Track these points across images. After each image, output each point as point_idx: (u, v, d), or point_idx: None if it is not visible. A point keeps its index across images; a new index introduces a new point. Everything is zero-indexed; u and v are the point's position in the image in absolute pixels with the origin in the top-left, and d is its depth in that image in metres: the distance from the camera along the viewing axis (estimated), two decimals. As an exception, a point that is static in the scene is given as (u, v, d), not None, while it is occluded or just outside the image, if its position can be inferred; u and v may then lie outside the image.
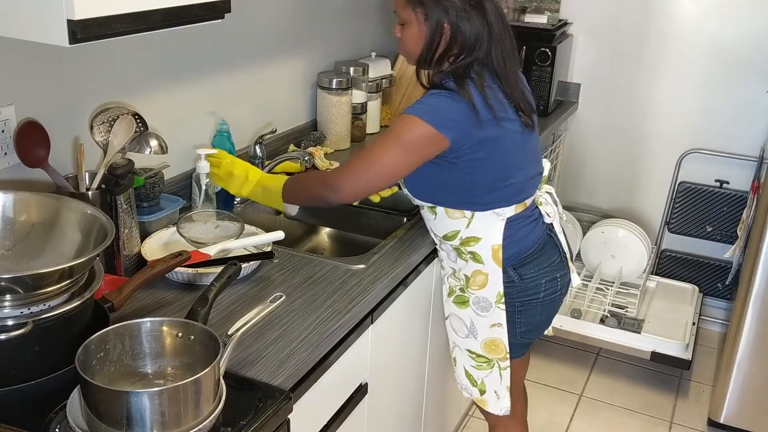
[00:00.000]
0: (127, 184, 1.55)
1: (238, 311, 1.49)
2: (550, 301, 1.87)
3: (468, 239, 1.77)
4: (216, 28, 1.98)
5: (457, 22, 1.64)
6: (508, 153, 1.71)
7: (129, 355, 1.18)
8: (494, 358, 1.87)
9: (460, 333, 1.89)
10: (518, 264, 1.79)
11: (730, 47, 3.08)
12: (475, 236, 1.76)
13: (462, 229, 1.76)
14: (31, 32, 1.19)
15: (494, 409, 1.93)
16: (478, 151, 1.66)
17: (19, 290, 1.12)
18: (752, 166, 3.12)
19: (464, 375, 1.94)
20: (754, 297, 2.54)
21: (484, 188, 1.72)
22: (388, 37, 2.99)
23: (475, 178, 1.70)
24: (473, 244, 1.77)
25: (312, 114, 2.56)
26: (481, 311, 1.82)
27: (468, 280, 1.82)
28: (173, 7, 1.30)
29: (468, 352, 1.90)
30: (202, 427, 1.09)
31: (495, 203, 1.74)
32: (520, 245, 1.79)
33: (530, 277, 1.81)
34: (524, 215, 1.80)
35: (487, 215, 1.75)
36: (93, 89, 1.68)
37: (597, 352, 3.21)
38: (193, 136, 2.01)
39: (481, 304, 1.81)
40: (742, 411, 2.68)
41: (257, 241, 1.72)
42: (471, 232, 1.76)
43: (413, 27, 1.69)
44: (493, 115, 1.65)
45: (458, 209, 1.75)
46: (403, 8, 1.69)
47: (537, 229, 1.83)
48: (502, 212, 1.75)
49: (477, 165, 1.68)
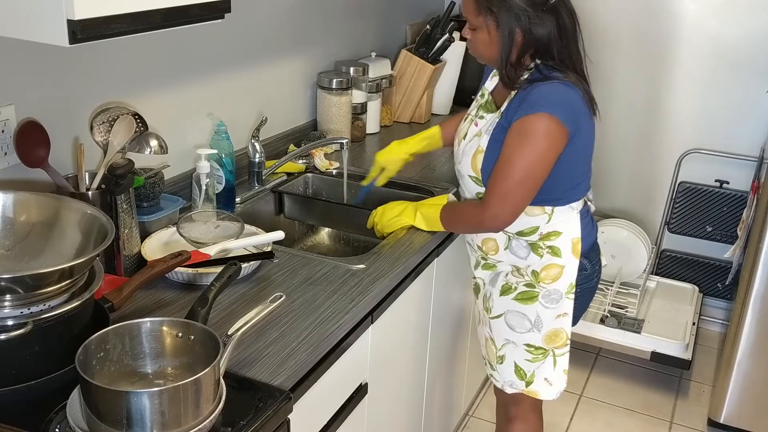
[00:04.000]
0: (127, 184, 1.55)
1: (238, 311, 1.49)
2: (596, 286, 1.96)
3: (549, 234, 1.79)
4: (216, 28, 1.98)
5: (529, 27, 1.64)
6: (590, 148, 1.78)
7: (129, 355, 1.18)
8: (551, 348, 1.88)
9: (519, 329, 1.87)
10: (587, 252, 1.86)
11: (731, 47, 3.08)
12: (556, 231, 1.79)
13: (542, 225, 1.78)
14: (31, 32, 1.19)
15: (547, 395, 1.95)
16: (580, 144, 1.70)
17: (19, 290, 1.12)
18: (752, 166, 3.12)
19: (513, 371, 1.93)
20: (754, 297, 2.54)
21: (570, 183, 1.76)
22: (388, 37, 2.99)
23: (566, 173, 1.72)
24: (554, 239, 1.79)
25: (312, 114, 2.56)
26: (550, 303, 1.83)
27: (537, 275, 1.82)
28: (173, 7, 1.30)
29: (526, 346, 1.89)
30: (202, 427, 1.09)
31: (574, 197, 1.79)
32: (591, 236, 1.87)
33: (595, 262, 1.90)
34: (585, 209, 1.87)
35: (565, 210, 1.78)
36: (93, 89, 1.68)
37: (597, 352, 3.21)
38: (193, 136, 2.01)
39: (552, 297, 1.82)
40: (742, 411, 2.68)
41: (257, 241, 1.72)
42: (552, 227, 1.78)
43: (483, 33, 1.70)
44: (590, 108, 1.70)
45: (539, 206, 1.76)
46: (474, 15, 1.69)
47: (593, 222, 1.92)
48: (576, 206, 1.80)
49: (574, 160, 1.71)
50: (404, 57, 2.83)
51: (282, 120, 2.39)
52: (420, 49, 2.83)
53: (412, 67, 2.81)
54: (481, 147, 1.76)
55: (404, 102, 2.86)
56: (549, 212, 1.77)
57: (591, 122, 1.73)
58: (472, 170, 1.79)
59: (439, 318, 2.15)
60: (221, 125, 1.96)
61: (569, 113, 1.65)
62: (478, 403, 2.87)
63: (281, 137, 2.37)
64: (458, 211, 1.87)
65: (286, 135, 2.41)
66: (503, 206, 1.70)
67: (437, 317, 2.12)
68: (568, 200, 1.78)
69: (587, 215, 1.88)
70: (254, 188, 2.14)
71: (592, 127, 1.76)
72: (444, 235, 1.99)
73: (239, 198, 2.06)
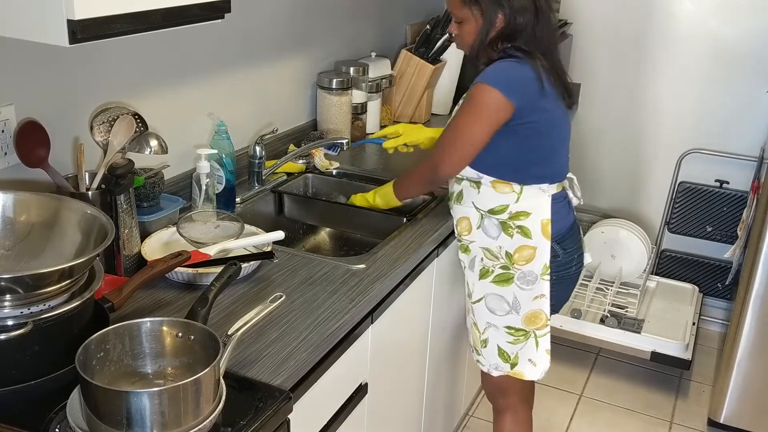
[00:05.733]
0: (127, 184, 1.55)
1: (238, 311, 1.49)
2: (576, 275, 1.99)
3: (518, 213, 1.84)
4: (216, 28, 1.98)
5: (510, 11, 1.73)
6: (556, 129, 1.84)
7: (129, 355, 1.18)
8: (531, 329, 1.92)
9: (499, 311, 1.92)
10: (560, 239, 1.88)
11: (730, 47, 3.09)
12: (525, 211, 1.83)
13: (511, 204, 1.84)
14: (31, 32, 1.19)
15: (532, 375, 1.98)
16: (536, 120, 1.77)
17: (19, 290, 1.12)
18: (752, 166, 3.12)
19: (497, 353, 1.97)
20: (754, 297, 2.54)
21: (535, 161, 1.82)
22: (388, 37, 2.99)
23: (528, 148, 1.80)
24: (523, 219, 1.84)
25: (312, 114, 2.56)
26: (526, 285, 1.87)
27: (511, 256, 1.87)
28: (173, 7, 1.30)
29: (506, 328, 1.94)
30: (202, 427, 1.09)
31: (542, 178, 1.84)
32: (562, 223, 1.89)
33: (570, 251, 1.91)
34: (561, 195, 1.91)
35: (534, 191, 1.84)
36: (93, 89, 1.68)
37: (597, 352, 3.21)
38: (193, 136, 2.01)
39: (527, 278, 1.87)
40: (742, 411, 2.68)
41: (257, 241, 1.72)
42: (520, 207, 1.83)
43: (470, 24, 1.77)
44: (551, 88, 1.76)
45: (507, 181, 1.83)
46: (458, 8, 1.78)
47: (570, 211, 1.95)
48: (547, 189, 1.85)
49: (532, 135, 1.78)
50: (404, 57, 2.82)
51: (282, 120, 2.39)
52: (420, 49, 2.83)
53: (412, 67, 2.81)
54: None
55: (404, 102, 2.86)
56: (518, 191, 1.83)
57: (555, 104, 1.80)
58: None
59: (439, 318, 2.15)
60: (221, 125, 1.96)
61: (513, 85, 1.72)
62: (478, 403, 2.87)
63: (281, 137, 2.37)
64: (410, 173, 1.98)
65: (286, 135, 2.41)
66: (444, 153, 1.81)
67: (437, 317, 2.12)
68: (537, 181, 1.83)
69: (562, 201, 1.91)
70: (254, 188, 2.14)
71: (559, 110, 1.82)
72: (444, 235, 1.99)
73: (239, 198, 2.06)
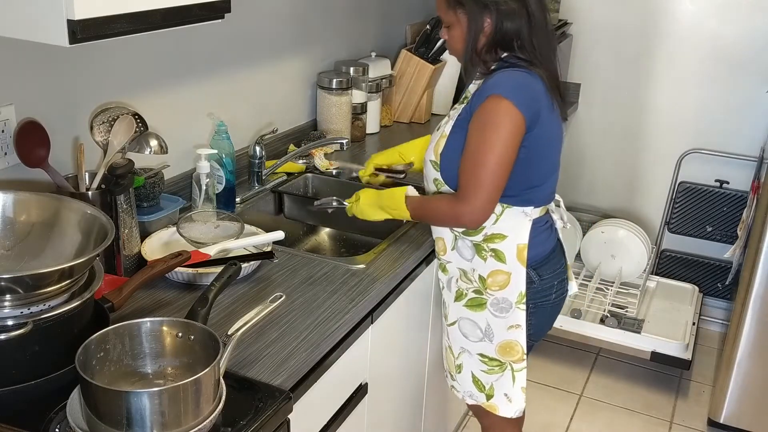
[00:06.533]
0: (127, 184, 1.55)
1: (238, 311, 1.49)
2: (557, 303, 1.87)
3: (493, 236, 1.73)
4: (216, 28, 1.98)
5: (497, 16, 1.63)
6: (553, 148, 1.73)
7: (129, 355, 1.18)
8: (507, 361, 1.83)
9: (471, 337, 1.84)
10: (537, 265, 1.77)
11: (730, 47, 3.09)
12: (501, 233, 1.73)
13: (488, 225, 1.72)
14: (31, 32, 1.19)
15: (506, 412, 1.87)
16: (537, 138, 1.65)
17: (19, 290, 1.12)
18: (752, 166, 3.12)
19: (471, 381, 1.89)
20: (754, 297, 2.54)
21: (525, 182, 1.70)
22: (388, 37, 2.99)
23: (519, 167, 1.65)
24: (498, 242, 1.73)
25: (312, 114, 2.56)
26: (500, 312, 1.78)
27: (484, 281, 1.77)
28: (173, 7, 1.30)
29: (479, 356, 1.85)
30: (202, 427, 1.09)
31: (528, 201, 1.72)
32: (541, 248, 1.78)
33: (547, 278, 1.79)
34: (543, 219, 1.79)
35: (517, 213, 1.72)
36: (93, 89, 1.68)
37: (597, 352, 3.21)
38: (193, 136, 2.01)
39: (501, 305, 1.77)
40: (742, 411, 2.68)
41: (257, 241, 1.72)
42: (497, 229, 1.73)
43: (457, 29, 1.68)
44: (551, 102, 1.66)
45: None
46: (444, 12, 1.69)
47: (552, 234, 1.83)
48: (530, 212, 1.73)
49: (528, 151, 1.65)
50: (404, 57, 2.83)
51: (282, 120, 2.39)
52: (420, 49, 2.83)
53: (412, 67, 2.81)
54: (444, 132, 1.74)
55: (404, 102, 2.86)
56: (498, 213, 1.71)
57: (553, 118, 1.69)
58: (433, 155, 1.76)
59: (439, 318, 2.15)
60: (221, 125, 1.96)
61: (526, 99, 1.61)
62: (478, 403, 2.87)
63: (281, 137, 2.37)
64: (431, 207, 1.77)
65: (286, 135, 2.41)
66: (477, 197, 1.63)
67: (437, 317, 2.12)
68: (523, 203, 1.72)
69: (543, 225, 1.79)
70: (254, 188, 2.14)
71: (556, 126, 1.72)
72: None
73: (239, 198, 2.06)
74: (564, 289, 1.88)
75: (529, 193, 1.72)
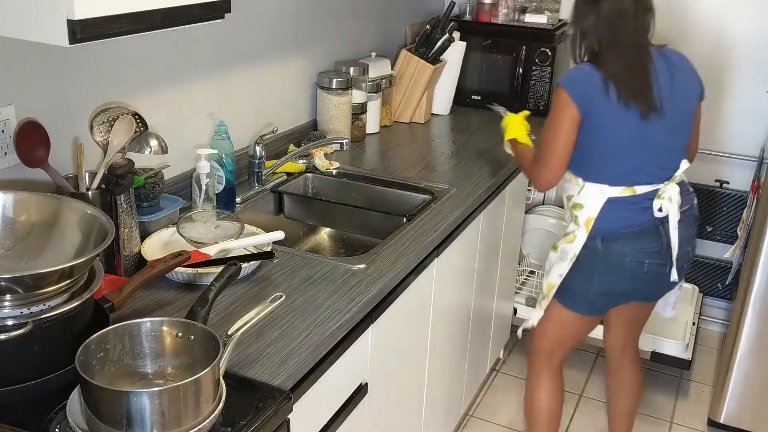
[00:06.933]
0: (127, 184, 1.55)
1: (238, 311, 1.49)
2: (629, 277, 2.06)
3: (576, 204, 2.05)
4: (216, 28, 1.98)
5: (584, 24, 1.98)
6: (616, 133, 1.95)
7: (129, 355, 1.18)
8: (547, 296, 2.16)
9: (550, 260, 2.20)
10: (610, 239, 2.01)
11: (731, 47, 3.08)
12: (580, 203, 2.04)
13: (575, 195, 2.06)
14: (31, 32, 1.19)
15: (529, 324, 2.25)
16: (595, 120, 1.94)
17: (19, 290, 1.12)
18: (752, 166, 3.12)
19: None
20: (754, 297, 2.54)
21: (593, 162, 2.00)
22: (388, 37, 2.99)
23: (586, 146, 1.97)
24: (577, 210, 2.05)
25: (312, 114, 2.56)
26: (560, 260, 2.10)
27: (566, 235, 2.10)
28: (173, 7, 1.30)
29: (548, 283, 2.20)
30: (202, 427, 1.09)
31: (602, 179, 2.00)
32: (616, 224, 2.01)
33: (616, 253, 2.02)
34: (630, 200, 2.00)
35: (594, 190, 2.01)
36: (93, 89, 1.68)
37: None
38: (193, 136, 2.01)
39: (561, 255, 2.10)
40: (742, 411, 2.68)
41: (257, 241, 1.72)
42: (579, 199, 2.04)
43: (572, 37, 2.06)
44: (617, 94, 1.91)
45: (575, 175, 2.04)
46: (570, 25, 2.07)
47: (641, 216, 2.02)
48: (607, 190, 2.00)
49: (591, 134, 1.95)
50: (404, 57, 2.83)
51: (282, 120, 2.39)
52: (420, 49, 2.83)
53: (412, 67, 2.81)
54: None
55: (404, 102, 2.86)
56: (581, 185, 2.03)
57: (611, 109, 1.92)
58: None
59: (439, 318, 2.15)
60: (221, 125, 1.96)
61: (576, 87, 1.94)
62: (478, 403, 2.87)
63: (281, 137, 2.37)
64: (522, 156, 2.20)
65: (286, 135, 2.41)
66: (541, 167, 2.03)
67: (437, 317, 2.12)
68: (597, 180, 2.00)
69: (627, 206, 2.00)
70: (254, 188, 2.14)
71: (617, 117, 1.93)
72: (444, 235, 1.99)
73: (239, 198, 2.06)
74: (641, 269, 2.03)
75: (596, 171, 2.00)
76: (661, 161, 2.00)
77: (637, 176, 1.99)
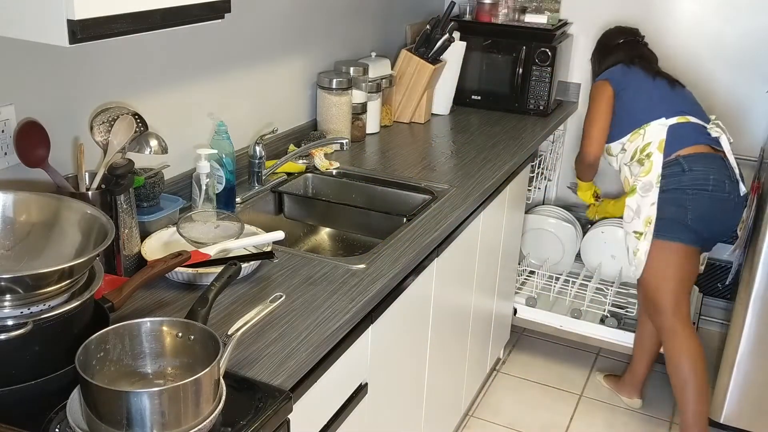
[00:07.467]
0: (127, 184, 1.55)
1: (238, 311, 1.49)
2: (718, 199, 2.39)
3: (646, 144, 2.46)
4: (216, 28, 1.98)
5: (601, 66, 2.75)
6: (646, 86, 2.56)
7: (129, 355, 1.18)
8: (646, 231, 2.43)
9: (627, 219, 2.50)
10: (689, 158, 2.39)
11: (730, 47, 3.09)
12: (648, 142, 2.46)
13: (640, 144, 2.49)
14: (31, 32, 1.19)
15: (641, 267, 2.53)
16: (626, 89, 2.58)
17: (19, 290, 1.12)
18: (752, 166, 3.12)
19: (634, 255, 2.51)
20: (754, 297, 2.54)
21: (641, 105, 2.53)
22: (388, 37, 2.99)
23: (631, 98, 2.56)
24: (647, 149, 2.45)
25: (312, 114, 2.56)
26: (644, 192, 2.42)
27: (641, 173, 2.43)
28: (173, 7, 1.30)
29: (634, 233, 2.48)
30: (202, 427, 1.09)
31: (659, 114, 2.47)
32: (686, 140, 2.42)
33: (699, 170, 2.37)
34: (690, 125, 2.46)
35: (655, 124, 2.47)
36: (93, 89, 1.68)
37: (597, 352, 3.21)
38: (193, 136, 2.01)
39: (645, 187, 2.41)
40: (742, 411, 2.68)
41: (257, 241, 1.72)
42: (646, 140, 2.47)
43: None
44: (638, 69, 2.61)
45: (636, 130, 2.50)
46: None
47: (703, 137, 2.45)
48: (666, 121, 2.46)
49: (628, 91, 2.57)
50: (404, 57, 2.83)
51: (282, 120, 2.39)
52: (420, 49, 2.83)
53: (412, 67, 2.81)
54: None
55: (404, 102, 2.86)
56: (642, 132, 2.48)
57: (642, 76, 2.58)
58: None
59: (439, 318, 2.16)
60: (221, 125, 1.96)
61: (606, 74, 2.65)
62: (478, 403, 2.87)
63: (281, 137, 2.37)
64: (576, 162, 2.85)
65: (286, 135, 2.41)
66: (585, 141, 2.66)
67: (437, 317, 2.13)
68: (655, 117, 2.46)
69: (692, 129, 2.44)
70: (254, 188, 2.14)
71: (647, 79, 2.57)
72: (444, 234, 1.99)
73: (239, 198, 2.06)
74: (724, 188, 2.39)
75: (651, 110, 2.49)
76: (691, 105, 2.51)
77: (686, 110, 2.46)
